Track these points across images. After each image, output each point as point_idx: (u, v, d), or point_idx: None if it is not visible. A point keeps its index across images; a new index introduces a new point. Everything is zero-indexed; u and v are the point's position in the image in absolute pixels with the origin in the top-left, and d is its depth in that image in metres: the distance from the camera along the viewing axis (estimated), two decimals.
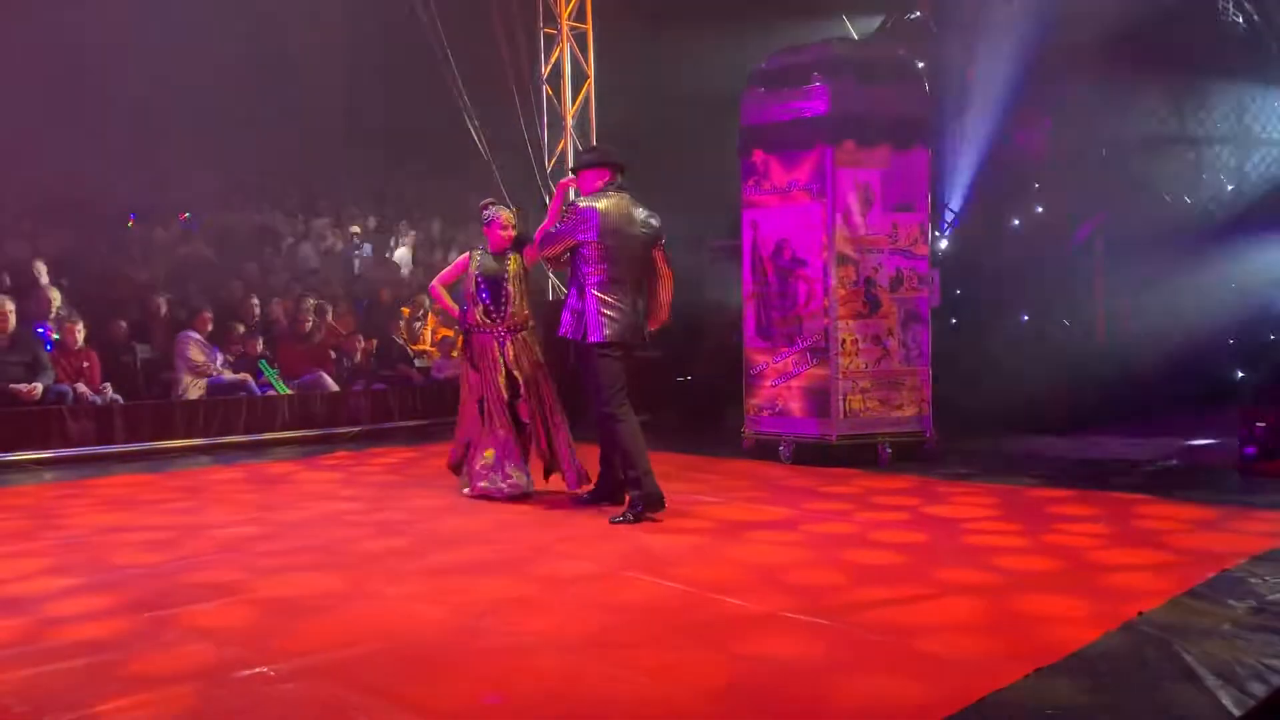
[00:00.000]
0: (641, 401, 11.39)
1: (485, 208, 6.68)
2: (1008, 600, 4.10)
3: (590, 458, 6.36)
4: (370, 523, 5.85)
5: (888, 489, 6.69)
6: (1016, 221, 11.70)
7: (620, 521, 5.65)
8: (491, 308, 6.47)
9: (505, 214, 6.59)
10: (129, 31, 10.68)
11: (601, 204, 5.84)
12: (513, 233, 6.56)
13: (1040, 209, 11.50)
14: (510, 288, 6.48)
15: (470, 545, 5.24)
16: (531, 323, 6.63)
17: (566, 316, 5.97)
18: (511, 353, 6.49)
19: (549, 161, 12.15)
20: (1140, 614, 3.84)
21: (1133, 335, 9.97)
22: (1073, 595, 4.12)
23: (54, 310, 9.66)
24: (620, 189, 5.97)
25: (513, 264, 6.51)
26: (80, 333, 9.20)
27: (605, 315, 5.79)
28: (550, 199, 11.86)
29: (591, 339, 5.81)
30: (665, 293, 6.12)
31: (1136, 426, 9.07)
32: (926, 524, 5.59)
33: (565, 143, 12.09)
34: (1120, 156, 10.99)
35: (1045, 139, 11.41)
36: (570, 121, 12.11)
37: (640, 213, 5.98)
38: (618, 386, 5.88)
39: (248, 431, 9.35)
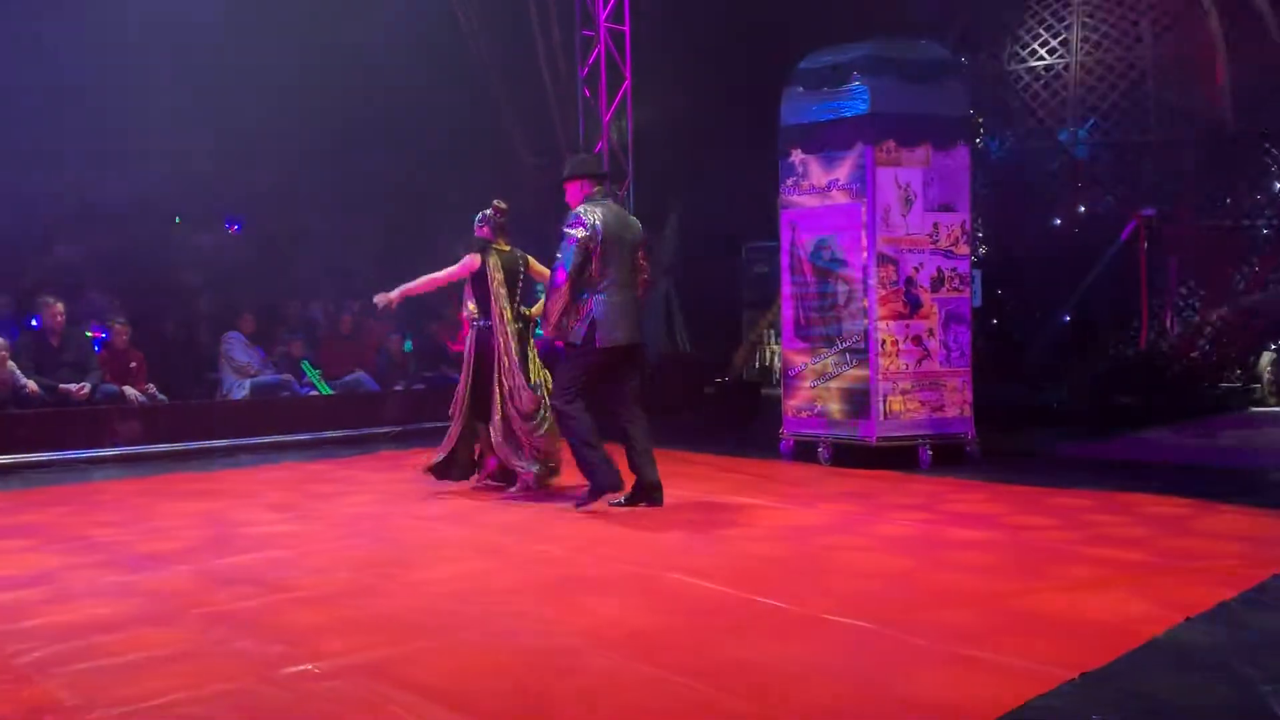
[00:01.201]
0: (679, 402, 11.44)
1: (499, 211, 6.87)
2: (1064, 603, 4.05)
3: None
4: (412, 521, 5.91)
5: (926, 490, 6.64)
6: (1058, 220, 11.57)
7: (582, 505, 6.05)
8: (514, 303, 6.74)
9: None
10: (169, 32, 10.84)
11: (599, 211, 6.05)
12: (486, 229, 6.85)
13: (1083, 208, 11.36)
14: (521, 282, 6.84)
15: (510, 544, 5.27)
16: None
17: (568, 320, 6.07)
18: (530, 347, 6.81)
19: None
20: (1187, 618, 3.79)
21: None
22: (1133, 598, 4.07)
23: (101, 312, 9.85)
24: (605, 195, 6.28)
25: (527, 261, 6.88)
26: (127, 334, 9.36)
27: (610, 319, 5.98)
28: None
29: (600, 344, 5.98)
30: (643, 291, 6.34)
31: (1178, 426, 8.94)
32: (967, 524, 5.55)
33: (603, 143, 12.12)
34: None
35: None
36: (608, 122, 12.15)
37: (630, 218, 6.35)
38: (590, 383, 6.09)
39: (290, 431, 9.47)
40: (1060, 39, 11.62)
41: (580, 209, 6.09)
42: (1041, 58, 11.60)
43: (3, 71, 10.14)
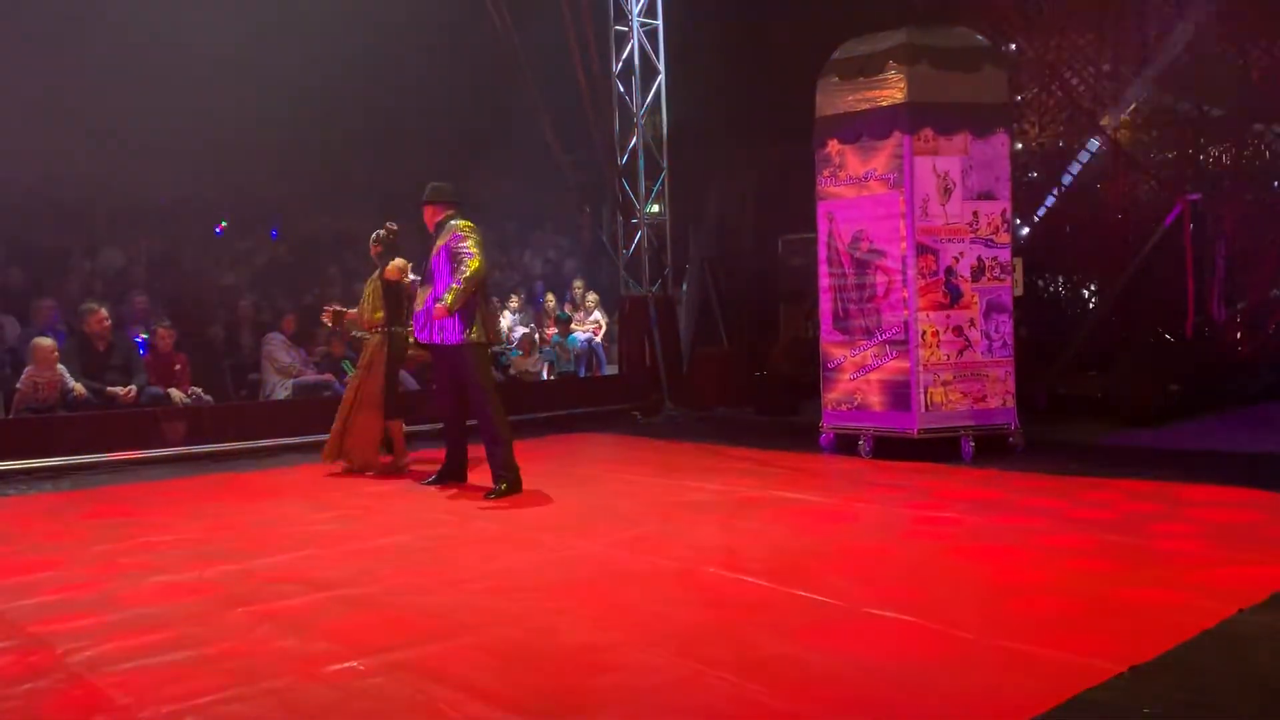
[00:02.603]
0: (716, 396, 11.39)
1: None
2: (1114, 595, 3.98)
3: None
4: (452, 518, 5.94)
5: (967, 482, 6.57)
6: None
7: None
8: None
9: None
10: (208, 34, 10.98)
11: (470, 225, 6.64)
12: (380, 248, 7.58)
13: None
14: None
15: (549, 540, 5.28)
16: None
17: (459, 322, 6.50)
18: None
19: (620, 158, 12.18)
20: (1241, 610, 3.71)
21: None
22: (1185, 589, 4.00)
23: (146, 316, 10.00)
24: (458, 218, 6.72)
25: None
26: (171, 337, 9.49)
27: (493, 317, 6.88)
28: (620, 195, 11.92)
29: (490, 340, 6.78)
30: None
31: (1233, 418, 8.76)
32: (1009, 516, 5.48)
33: (636, 138, 12.10)
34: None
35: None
36: (642, 117, 12.13)
37: None
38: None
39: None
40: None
41: (456, 223, 6.59)
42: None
43: (41, 78, 10.33)
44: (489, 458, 6.59)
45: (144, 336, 9.68)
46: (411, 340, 7.19)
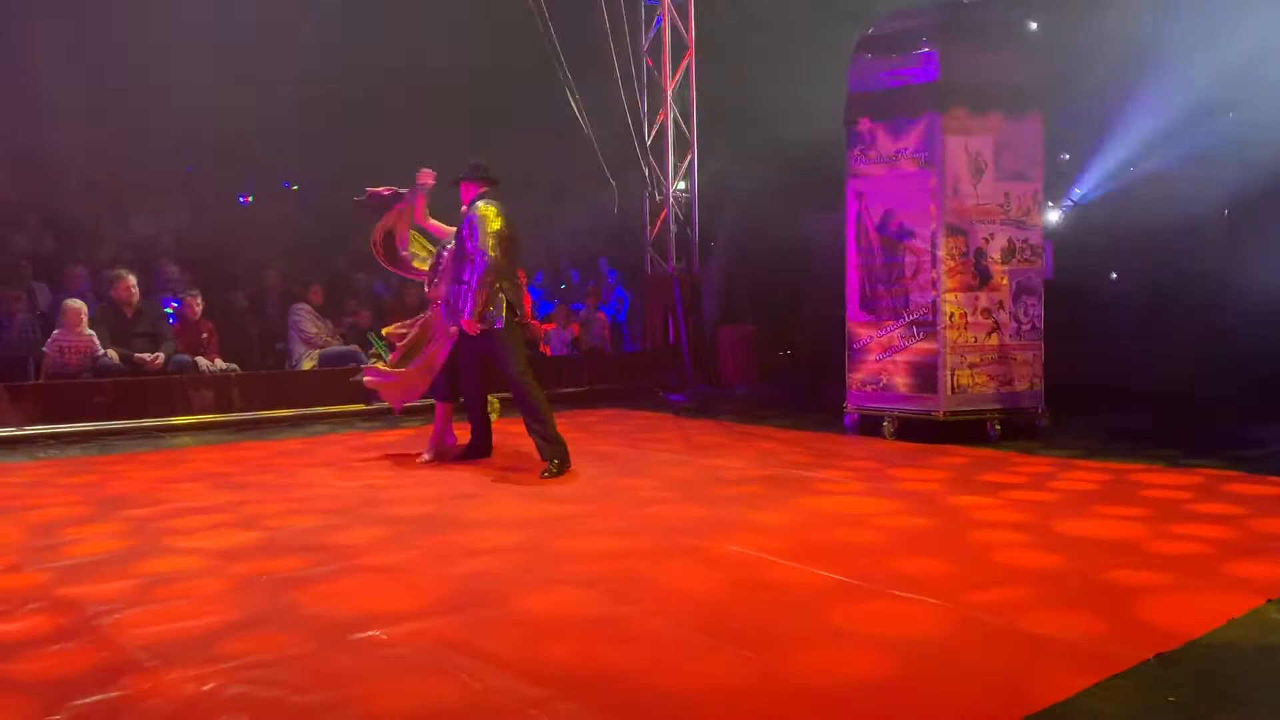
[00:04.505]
0: (740, 375, 11.34)
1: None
2: (1139, 581, 3.95)
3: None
4: (476, 490, 5.96)
5: (992, 465, 6.52)
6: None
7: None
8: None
9: None
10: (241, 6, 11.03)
11: (499, 206, 6.52)
12: None
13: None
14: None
15: (573, 514, 5.29)
16: None
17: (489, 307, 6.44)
18: None
19: (649, 133, 12.11)
20: (1269, 600, 3.67)
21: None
22: (1214, 578, 3.96)
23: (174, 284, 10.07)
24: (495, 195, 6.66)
25: None
26: (199, 305, 9.56)
27: (519, 300, 6.67)
28: (647, 172, 11.87)
29: (519, 319, 6.66)
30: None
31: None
32: (1033, 499, 5.44)
33: (665, 114, 12.03)
34: None
35: None
36: (670, 92, 12.05)
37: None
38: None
39: (357, 401, 9.60)
40: None
41: (477, 207, 6.47)
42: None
43: (76, 50, 10.38)
44: (532, 436, 6.49)
45: (173, 309, 9.75)
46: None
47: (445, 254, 6.90)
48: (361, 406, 9.51)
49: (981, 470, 6.40)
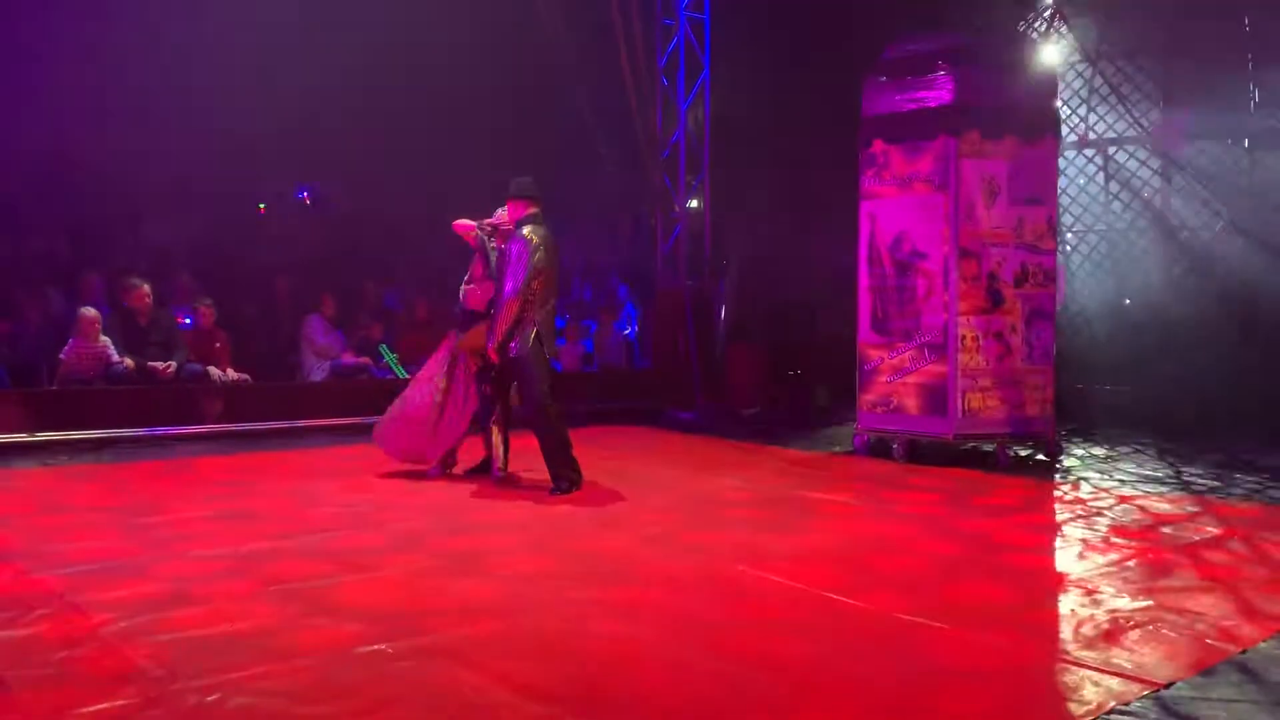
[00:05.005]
0: (749, 394, 11.31)
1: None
2: (1153, 607, 3.92)
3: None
4: (484, 507, 5.96)
5: (1000, 489, 6.49)
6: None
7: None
8: None
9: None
10: (260, 18, 11.09)
11: (543, 231, 6.42)
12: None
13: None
14: None
15: (582, 530, 5.28)
16: None
17: (515, 332, 6.35)
18: None
19: (662, 151, 12.15)
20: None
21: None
22: (1231, 604, 3.93)
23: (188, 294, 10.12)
24: (541, 218, 6.53)
25: None
26: (212, 315, 9.59)
27: (550, 331, 6.53)
28: (660, 189, 11.88)
29: (547, 354, 6.51)
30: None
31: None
32: (1045, 524, 5.41)
33: (679, 132, 12.07)
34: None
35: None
36: (685, 111, 12.09)
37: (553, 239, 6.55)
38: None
39: (368, 413, 9.60)
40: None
41: (528, 229, 6.39)
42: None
43: (96, 57, 10.47)
44: (546, 458, 6.42)
45: (188, 319, 9.79)
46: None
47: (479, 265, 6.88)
48: (373, 419, 9.51)
49: (989, 494, 6.36)
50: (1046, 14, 10.37)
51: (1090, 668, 3.28)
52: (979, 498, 6.26)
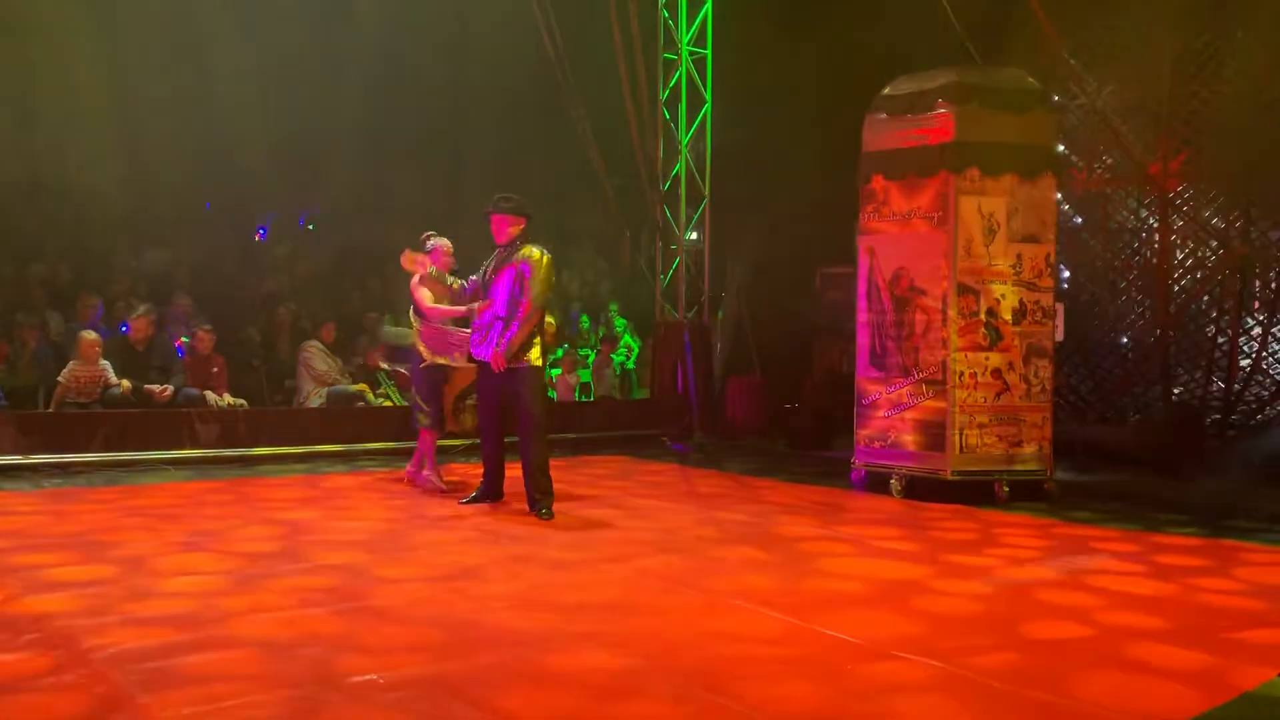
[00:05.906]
0: (748, 426, 11.29)
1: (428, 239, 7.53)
2: (1153, 653, 3.90)
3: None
4: (481, 536, 5.92)
5: (996, 527, 6.47)
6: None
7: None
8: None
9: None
10: (258, 43, 11.19)
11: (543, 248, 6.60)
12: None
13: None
14: None
15: (575, 561, 5.25)
16: None
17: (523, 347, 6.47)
18: None
19: (663, 183, 12.22)
20: None
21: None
22: (1221, 649, 3.91)
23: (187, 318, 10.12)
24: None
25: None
26: (210, 340, 9.58)
27: (546, 344, 6.74)
28: (660, 221, 11.95)
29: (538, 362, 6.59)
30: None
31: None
32: (1042, 562, 5.38)
33: (680, 165, 12.15)
34: None
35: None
36: (687, 144, 12.17)
37: None
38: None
39: (365, 440, 9.59)
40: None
41: (531, 252, 6.50)
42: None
43: (97, 83, 10.54)
44: (527, 480, 6.50)
45: (183, 341, 9.78)
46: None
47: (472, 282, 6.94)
48: (368, 445, 9.51)
49: (985, 531, 6.34)
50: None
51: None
52: (973, 535, 6.23)
